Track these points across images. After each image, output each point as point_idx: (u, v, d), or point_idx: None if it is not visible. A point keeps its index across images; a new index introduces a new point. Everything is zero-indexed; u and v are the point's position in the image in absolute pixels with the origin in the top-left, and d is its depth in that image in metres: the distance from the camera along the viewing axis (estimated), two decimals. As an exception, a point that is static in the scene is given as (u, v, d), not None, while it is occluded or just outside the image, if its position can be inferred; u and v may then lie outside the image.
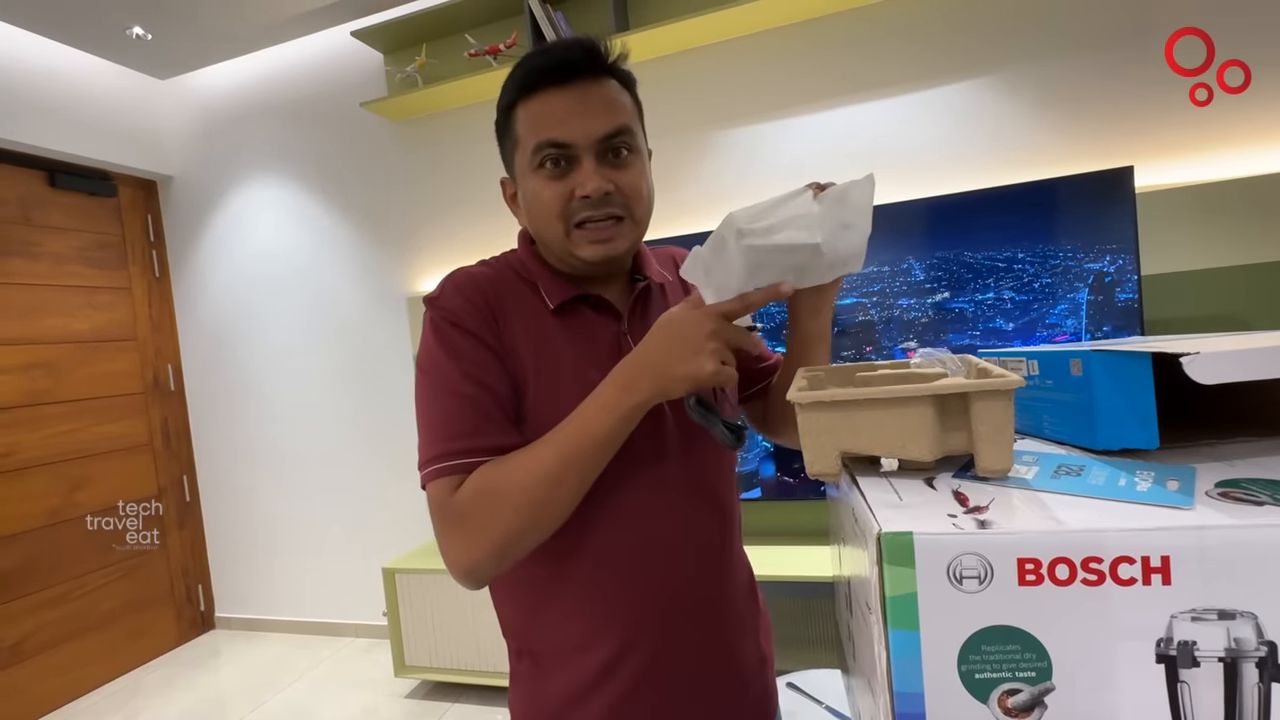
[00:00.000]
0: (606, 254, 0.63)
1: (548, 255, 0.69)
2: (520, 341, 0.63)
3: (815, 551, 1.86)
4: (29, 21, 2.25)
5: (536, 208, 0.63)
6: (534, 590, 0.66)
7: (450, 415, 0.60)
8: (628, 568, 0.64)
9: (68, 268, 2.49)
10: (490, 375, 0.61)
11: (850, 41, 1.91)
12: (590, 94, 0.61)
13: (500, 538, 0.56)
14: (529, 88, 0.62)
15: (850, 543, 0.52)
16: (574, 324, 0.66)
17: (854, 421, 0.49)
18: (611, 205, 0.62)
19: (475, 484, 0.58)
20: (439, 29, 2.23)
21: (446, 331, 0.62)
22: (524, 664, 0.69)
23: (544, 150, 0.61)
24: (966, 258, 1.79)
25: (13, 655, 2.22)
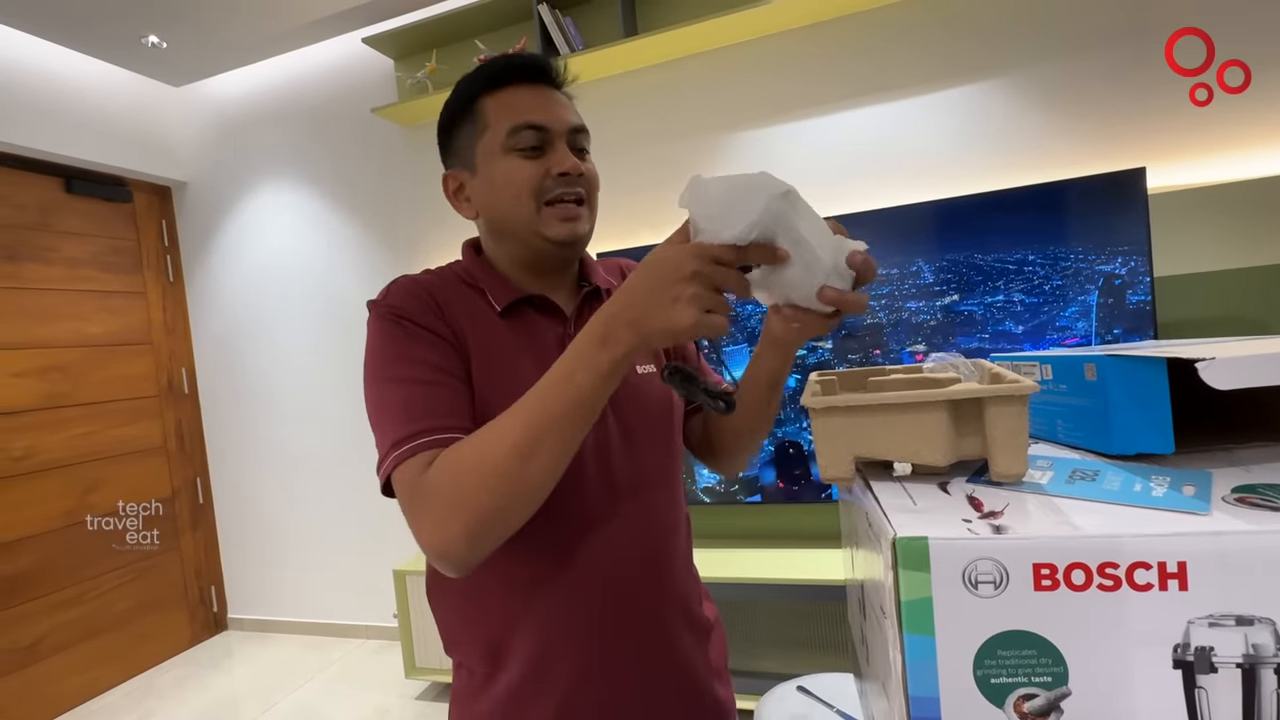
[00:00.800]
0: (573, 232, 0.66)
1: (503, 249, 0.70)
2: (467, 341, 0.64)
3: (824, 555, 1.85)
4: (48, 31, 2.29)
5: (508, 187, 0.64)
6: (470, 599, 0.66)
7: (407, 400, 0.58)
8: (569, 575, 0.64)
9: (84, 272, 2.53)
10: (445, 360, 0.61)
11: (858, 45, 1.91)
12: (556, 95, 0.68)
13: (472, 517, 0.51)
14: (500, 82, 0.66)
15: (864, 547, 0.52)
16: (520, 325, 0.67)
17: (868, 426, 0.49)
18: (579, 186, 0.66)
19: (443, 461, 0.54)
20: (449, 35, 2.25)
21: (396, 327, 0.62)
22: (462, 677, 0.69)
23: (522, 131, 0.64)
24: (976, 260, 1.78)
25: (29, 655, 2.25)
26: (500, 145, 0.64)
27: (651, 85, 2.12)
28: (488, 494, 0.51)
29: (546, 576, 0.64)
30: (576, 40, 2.08)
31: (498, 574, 0.59)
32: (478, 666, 0.67)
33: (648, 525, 0.69)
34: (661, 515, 0.71)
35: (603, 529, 0.66)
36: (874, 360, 1.88)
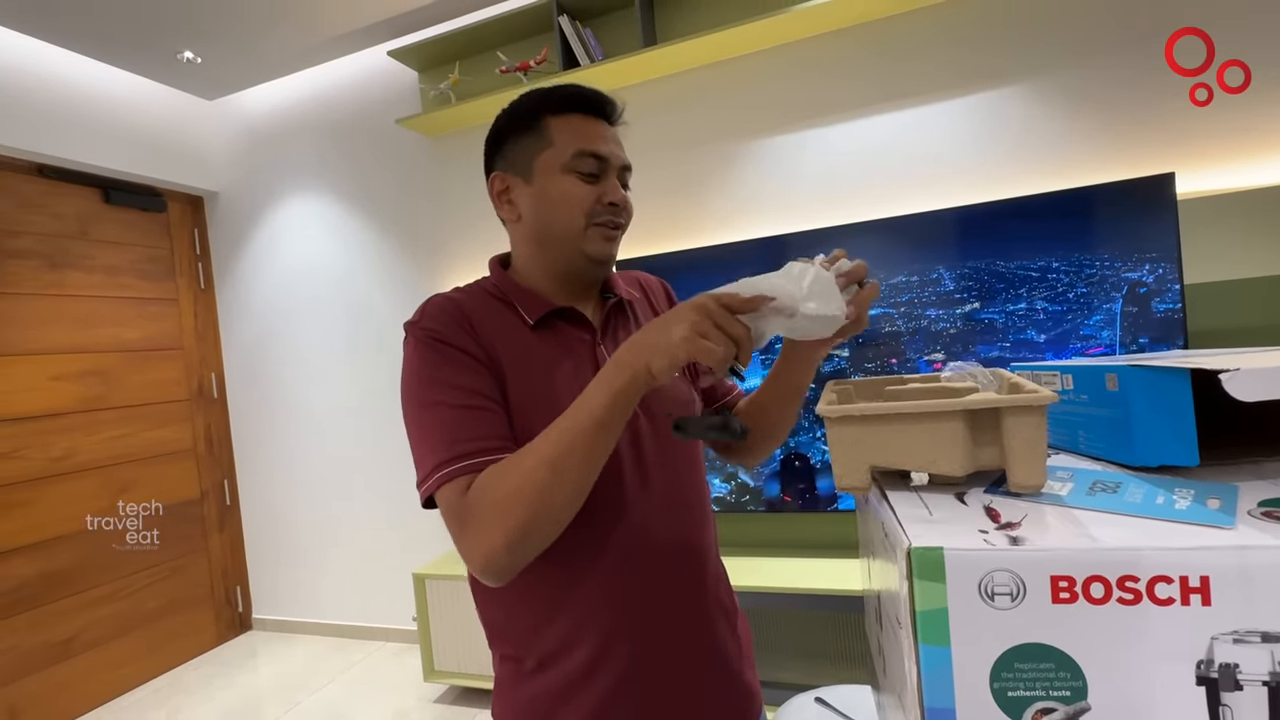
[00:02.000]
0: (609, 251, 0.73)
1: (536, 260, 0.74)
2: (500, 356, 0.67)
3: (841, 565, 1.83)
4: (89, 47, 2.38)
5: (564, 203, 0.70)
6: (515, 595, 0.68)
7: (447, 424, 0.62)
8: (608, 569, 0.68)
9: (120, 280, 2.61)
10: (481, 383, 0.64)
11: (876, 52, 1.90)
12: (613, 132, 0.75)
13: (512, 528, 0.56)
14: (573, 107, 0.72)
15: (880, 556, 0.52)
16: (551, 337, 0.71)
17: (884, 436, 0.49)
18: (622, 216, 0.73)
19: (483, 481, 0.59)
20: (471, 47, 2.29)
21: (432, 351, 0.65)
22: (507, 668, 0.71)
23: (586, 158, 0.70)
24: (998, 267, 1.76)
25: (65, 650, 2.32)
26: (562, 164, 0.70)
27: (670, 94, 2.14)
28: (524, 508, 0.56)
29: (586, 566, 0.67)
30: (596, 51, 2.10)
31: (539, 565, 0.61)
32: (523, 657, 0.69)
33: (681, 514, 0.73)
34: (692, 504, 0.75)
35: (638, 518, 0.69)
36: (890, 369, 1.86)
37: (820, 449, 1.92)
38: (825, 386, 0.57)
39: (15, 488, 2.22)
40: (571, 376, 0.69)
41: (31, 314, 2.31)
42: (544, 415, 0.61)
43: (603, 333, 0.75)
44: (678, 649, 0.70)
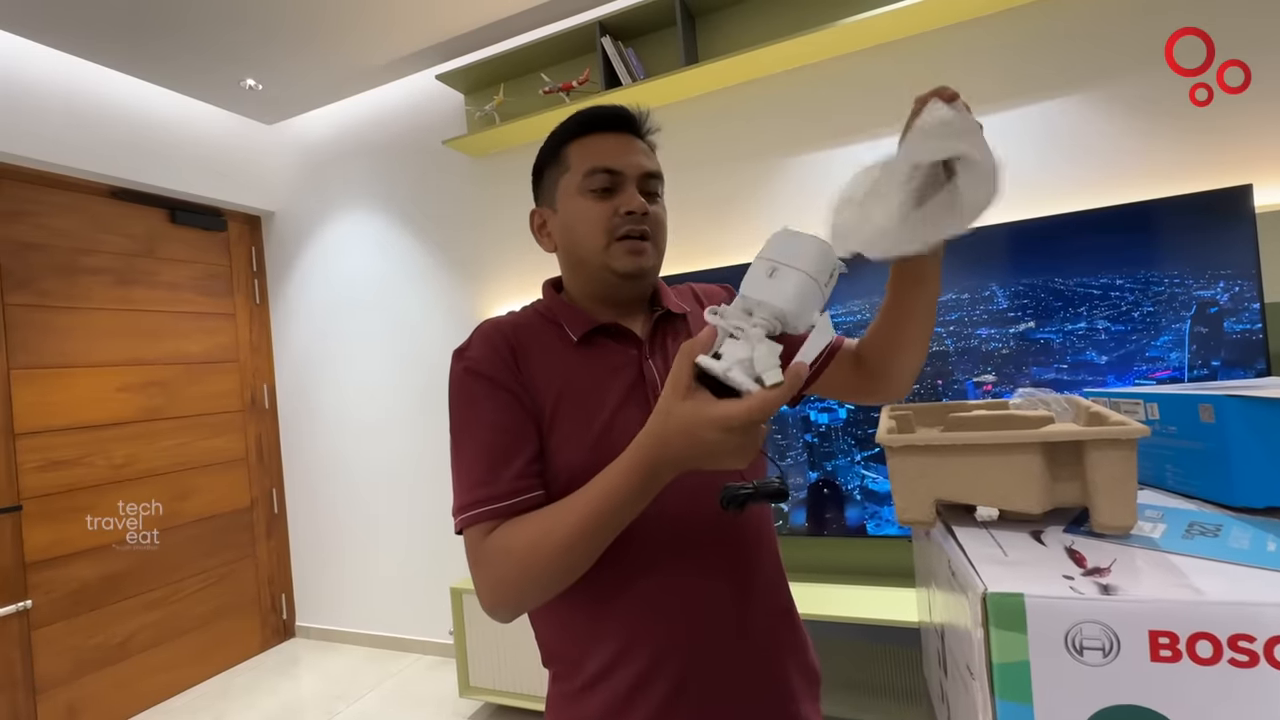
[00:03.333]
0: (639, 265, 0.70)
1: (577, 283, 0.75)
2: (544, 375, 0.68)
3: (892, 594, 1.76)
4: (159, 76, 2.53)
5: (582, 223, 0.71)
6: (562, 615, 0.68)
7: (478, 461, 0.64)
8: (655, 588, 0.66)
9: (183, 295, 2.74)
10: (514, 418, 0.65)
11: (927, 63, 1.86)
12: (635, 142, 0.74)
13: (517, 593, 0.60)
14: (588, 128, 0.73)
15: (944, 591, 0.48)
16: (596, 354, 0.71)
17: (951, 467, 0.46)
18: (645, 225, 0.71)
19: (500, 541, 0.61)
20: (516, 69, 2.34)
21: (468, 381, 0.67)
22: (557, 688, 0.71)
23: (596, 174, 0.70)
24: (1056, 284, 1.68)
25: (121, 651, 2.40)
26: (577, 186, 0.71)
27: (711, 111, 2.14)
28: (531, 580, 0.59)
29: (631, 585, 0.65)
30: (638, 70, 2.12)
31: (583, 584, 0.61)
32: (571, 676, 0.69)
33: (731, 535, 0.70)
34: (743, 525, 0.72)
35: (686, 539, 0.67)
36: (936, 390, 1.79)
37: (860, 474, 1.86)
38: (882, 412, 0.54)
39: (80, 493, 2.33)
40: (615, 393, 0.68)
41: (101, 327, 2.44)
42: (583, 434, 0.65)
43: (650, 347, 0.73)
44: (730, 673, 0.67)
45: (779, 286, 0.49)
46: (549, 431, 0.67)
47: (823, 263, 0.50)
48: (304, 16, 2.18)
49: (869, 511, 1.85)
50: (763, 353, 0.47)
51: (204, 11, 2.11)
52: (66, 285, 2.34)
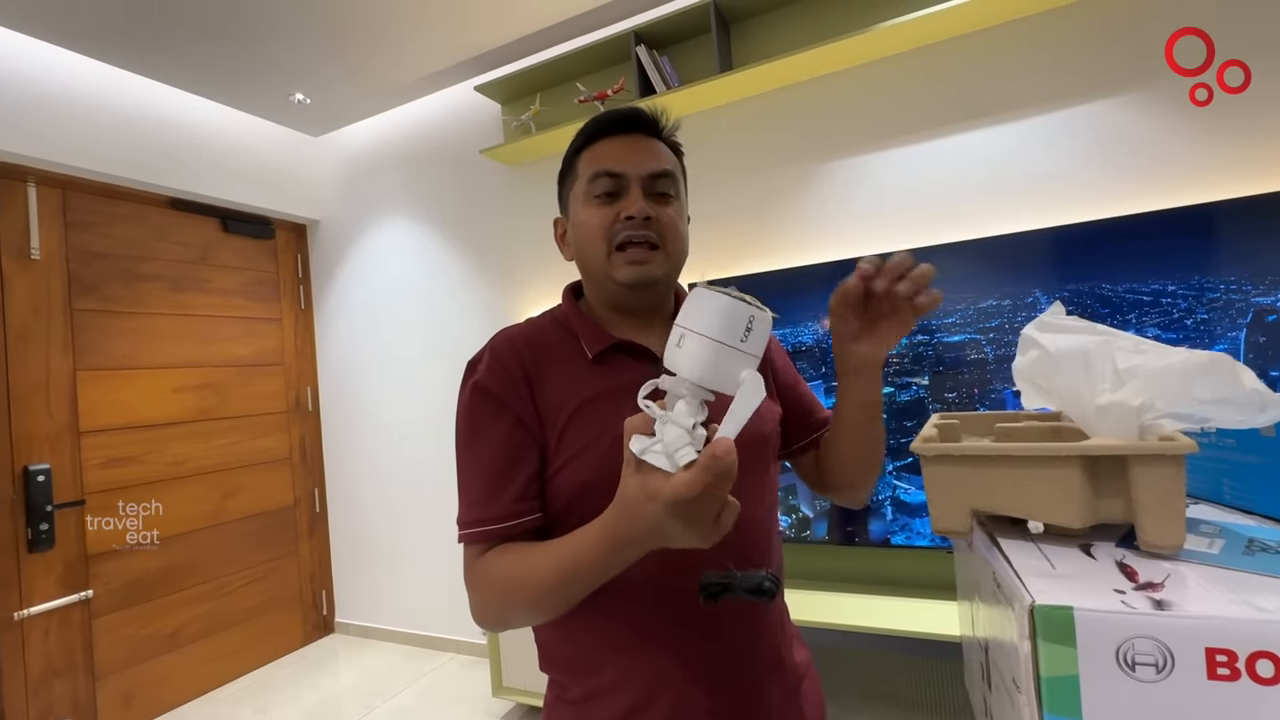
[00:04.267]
0: (642, 275, 0.67)
1: (591, 293, 0.75)
2: (557, 392, 0.67)
3: (928, 606, 1.72)
4: (213, 91, 2.65)
5: (585, 232, 0.69)
6: (568, 629, 0.68)
7: (478, 481, 0.66)
8: (654, 613, 0.65)
9: (234, 301, 2.86)
10: (509, 438, 0.66)
11: (964, 67, 1.83)
12: (644, 142, 0.71)
13: (498, 619, 0.64)
14: (595, 136, 0.71)
15: (989, 605, 0.48)
16: (611, 371, 0.69)
17: (988, 478, 0.45)
18: (650, 230, 0.67)
19: (488, 567, 0.63)
20: (552, 78, 2.38)
21: (475, 400, 0.68)
22: (554, 693, 0.72)
23: (599, 179, 0.68)
24: (1103, 291, 1.63)
25: (171, 642, 2.51)
26: (582, 193, 0.70)
27: (745, 116, 2.14)
28: (516, 613, 0.62)
29: (631, 606, 0.65)
30: (672, 77, 2.14)
31: (585, 603, 0.60)
32: (568, 685, 0.70)
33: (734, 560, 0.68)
34: (749, 552, 0.69)
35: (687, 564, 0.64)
36: (973, 399, 1.75)
37: (892, 484, 1.82)
38: (930, 420, 0.54)
39: (136, 489, 2.44)
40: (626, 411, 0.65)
41: (159, 331, 2.56)
42: (591, 452, 0.64)
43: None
44: (727, 707, 0.66)
45: (686, 354, 0.47)
46: (557, 448, 0.66)
47: (729, 322, 0.46)
48: (351, 33, 2.27)
49: (899, 523, 1.81)
50: (671, 435, 0.45)
51: (258, 30, 2.21)
52: (128, 291, 2.47)
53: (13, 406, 2.13)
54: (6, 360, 2.13)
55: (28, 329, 2.18)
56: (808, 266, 1.95)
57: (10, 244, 2.16)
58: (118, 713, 2.33)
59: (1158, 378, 0.43)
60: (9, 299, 2.14)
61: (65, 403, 2.26)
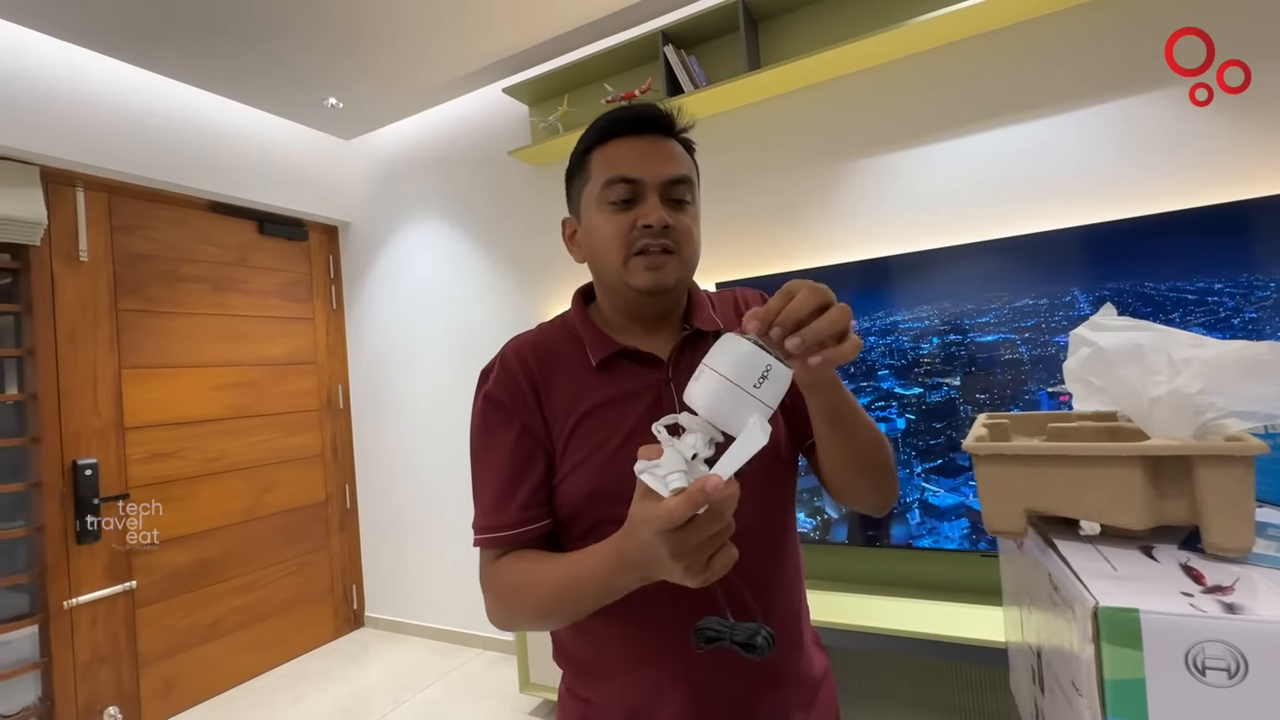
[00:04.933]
0: (658, 281, 0.67)
1: (602, 297, 0.74)
2: (563, 400, 0.69)
3: (959, 610, 1.69)
4: (251, 97, 2.73)
5: (599, 237, 0.68)
6: (582, 631, 0.69)
7: (490, 489, 0.68)
8: (671, 634, 0.64)
9: (269, 301, 2.93)
10: (518, 447, 0.68)
11: (998, 60, 1.80)
12: (660, 145, 0.69)
13: (509, 623, 0.67)
14: (608, 135, 0.69)
15: (1042, 609, 0.47)
16: (615, 377, 0.70)
17: (1044, 478, 0.45)
18: (667, 238, 0.67)
19: (500, 572, 0.66)
20: (580, 79, 2.40)
21: (486, 409, 0.70)
22: (565, 686, 0.74)
23: (615, 185, 0.66)
24: (1145, 289, 1.59)
25: (211, 632, 2.58)
26: (596, 197, 0.68)
27: (773, 114, 2.13)
28: (523, 620, 0.66)
29: (637, 612, 0.63)
30: (700, 77, 2.13)
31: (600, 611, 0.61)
32: (576, 687, 0.72)
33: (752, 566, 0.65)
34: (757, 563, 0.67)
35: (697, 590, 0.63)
36: (1006, 400, 1.72)
37: (920, 486, 1.80)
38: (976, 420, 0.53)
39: (177, 484, 2.52)
40: (631, 418, 0.67)
41: (199, 331, 2.64)
42: (594, 459, 0.65)
43: (675, 368, 0.70)
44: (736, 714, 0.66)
45: (700, 388, 0.48)
46: (563, 455, 0.67)
47: (745, 366, 0.47)
48: (383, 38, 2.31)
49: (927, 526, 1.79)
50: (669, 459, 0.46)
51: (296, 36, 2.26)
52: (170, 292, 2.55)
53: (63, 403, 2.21)
54: (57, 359, 2.21)
55: (76, 329, 2.26)
56: (836, 266, 1.93)
57: (60, 247, 2.24)
58: (160, 700, 2.40)
59: (1214, 367, 0.43)
60: (59, 300, 2.23)
61: (111, 400, 2.34)
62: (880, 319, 1.87)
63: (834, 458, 0.66)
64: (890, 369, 1.87)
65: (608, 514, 0.65)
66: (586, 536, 0.67)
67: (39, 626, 2.15)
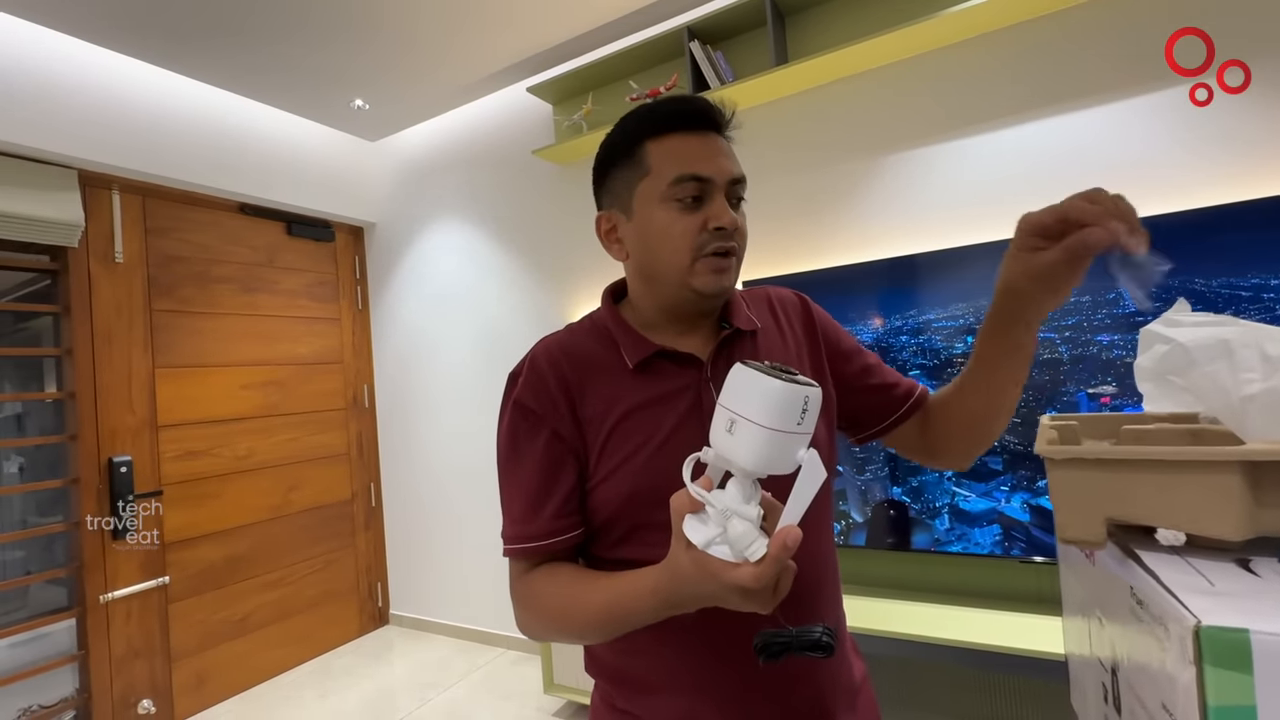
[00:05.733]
0: (721, 285, 0.65)
1: (644, 296, 0.71)
2: (598, 403, 0.66)
3: (1006, 618, 1.64)
4: (279, 100, 2.76)
5: (666, 237, 0.65)
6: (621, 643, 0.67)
7: (521, 498, 0.67)
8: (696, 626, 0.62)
9: (297, 302, 2.97)
10: (548, 455, 0.66)
11: (1036, 51, 1.74)
12: (719, 143, 0.67)
13: (542, 637, 0.68)
14: (670, 127, 0.66)
15: (1120, 624, 0.44)
16: (653, 379, 0.67)
17: (1128, 485, 0.42)
18: (733, 241, 0.65)
19: (534, 587, 0.65)
20: (604, 77, 2.38)
21: (515, 416, 0.68)
22: (599, 695, 0.72)
23: (685, 182, 0.64)
24: (1196, 285, 1.52)
25: (241, 627, 2.62)
26: (660, 194, 0.65)
27: (801, 109, 2.09)
28: (557, 638, 0.65)
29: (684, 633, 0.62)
30: (726, 73, 2.11)
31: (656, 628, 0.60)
32: (612, 695, 0.70)
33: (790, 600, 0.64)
34: (810, 567, 0.66)
35: None
36: (1042, 403, 1.66)
37: (951, 491, 1.75)
38: (1040, 422, 0.50)
39: (208, 481, 2.56)
40: (669, 419, 0.65)
41: (229, 331, 2.68)
42: (631, 462, 0.63)
43: (713, 369, 0.68)
44: None
45: (740, 443, 0.45)
46: (599, 460, 0.65)
47: (784, 409, 0.44)
48: (409, 39, 2.32)
49: (957, 532, 1.74)
50: (737, 531, 0.45)
51: (322, 39, 2.29)
52: (201, 292, 2.59)
53: (99, 401, 2.26)
54: (94, 358, 2.26)
55: (112, 329, 2.31)
56: (864, 264, 1.89)
57: (97, 248, 2.29)
58: (191, 694, 2.45)
59: None
60: (96, 301, 2.28)
61: (145, 398, 2.39)
62: (912, 318, 1.83)
63: (992, 398, 0.65)
64: (922, 369, 1.82)
65: (644, 519, 0.63)
66: (621, 543, 0.66)
67: (76, 620, 2.20)
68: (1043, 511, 1.67)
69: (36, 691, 2.12)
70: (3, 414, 2.32)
